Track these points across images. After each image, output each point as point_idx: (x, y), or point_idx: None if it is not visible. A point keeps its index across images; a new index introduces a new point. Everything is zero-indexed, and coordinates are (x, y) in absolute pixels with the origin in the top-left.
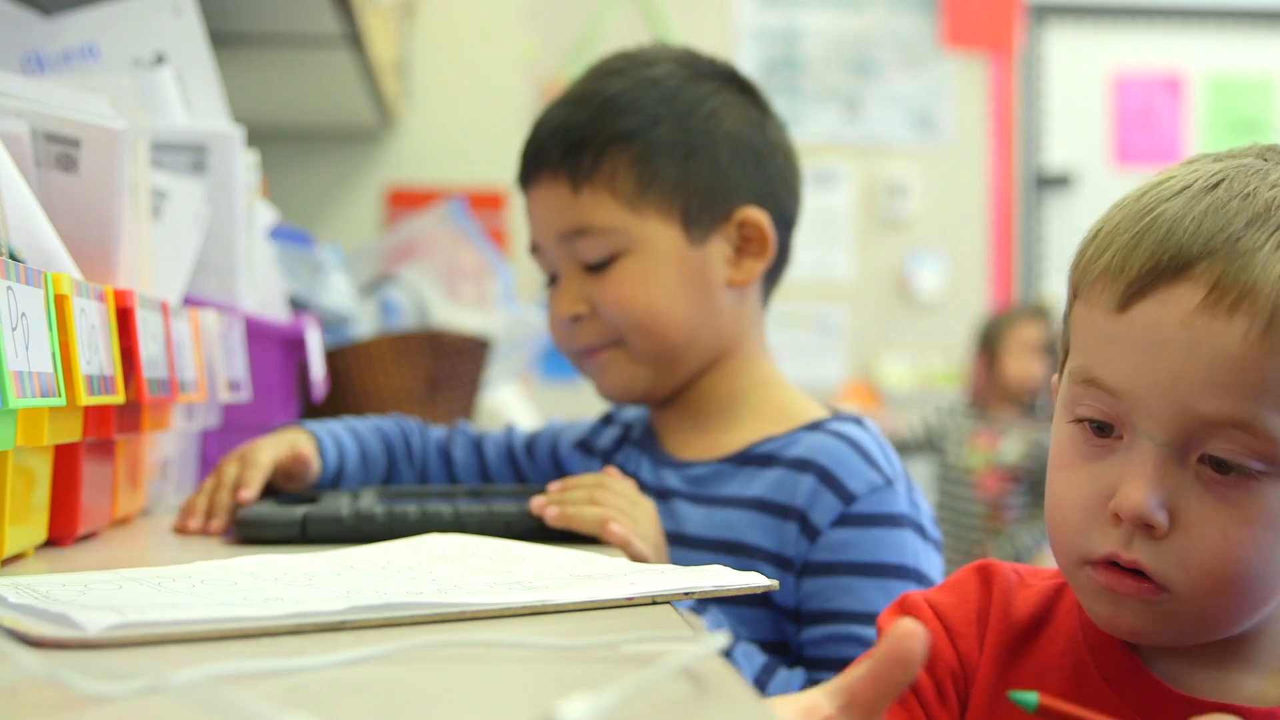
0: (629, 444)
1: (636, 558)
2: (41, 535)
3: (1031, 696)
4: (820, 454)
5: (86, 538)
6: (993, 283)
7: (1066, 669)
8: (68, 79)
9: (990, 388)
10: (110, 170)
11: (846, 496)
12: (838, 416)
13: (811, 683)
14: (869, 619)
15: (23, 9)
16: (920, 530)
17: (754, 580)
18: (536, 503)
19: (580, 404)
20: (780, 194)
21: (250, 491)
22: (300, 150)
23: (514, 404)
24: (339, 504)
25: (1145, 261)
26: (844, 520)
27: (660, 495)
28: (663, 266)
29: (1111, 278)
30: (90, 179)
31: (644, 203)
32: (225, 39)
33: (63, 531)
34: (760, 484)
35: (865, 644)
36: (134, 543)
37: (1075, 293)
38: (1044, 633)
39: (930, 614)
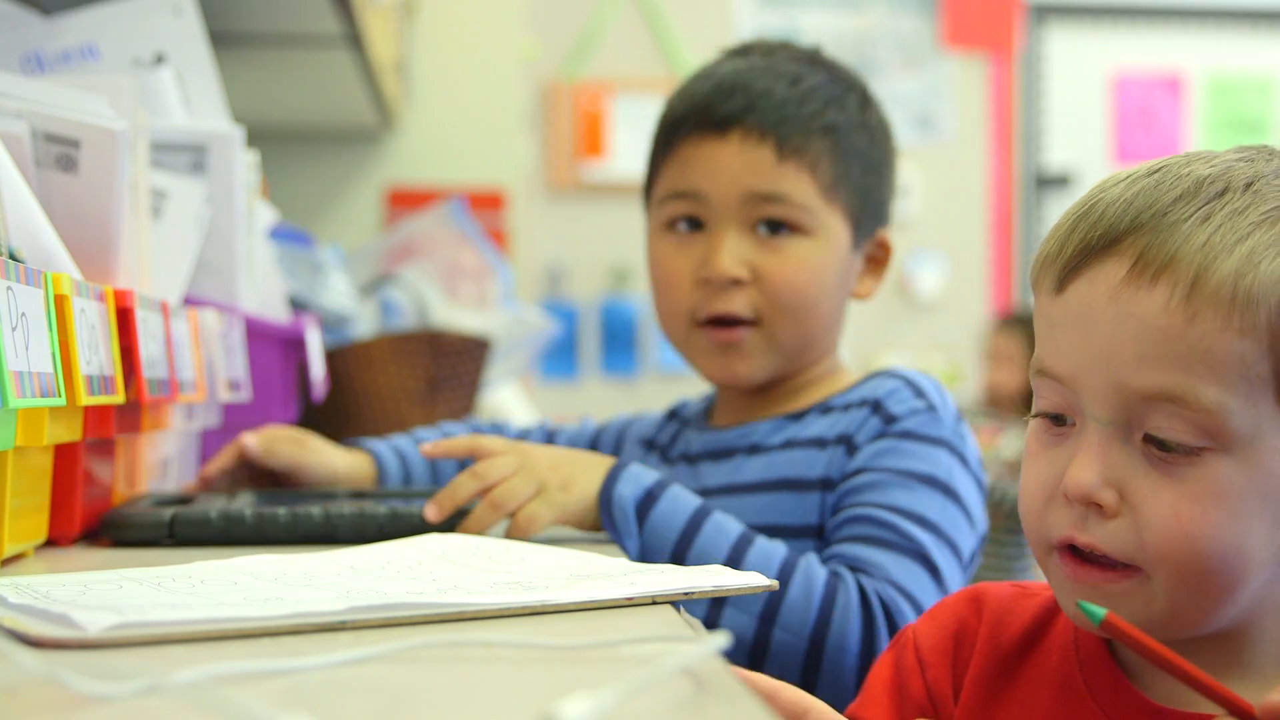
0: (690, 429)
1: (526, 524)
2: (41, 535)
3: (1100, 610)
4: (876, 390)
5: (86, 538)
6: (993, 283)
7: (1056, 684)
8: (68, 79)
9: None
10: (110, 170)
11: (888, 418)
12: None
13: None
14: (890, 509)
15: (23, 9)
16: (960, 457)
17: (754, 580)
18: (429, 512)
19: (580, 403)
20: (892, 219)
21: (213, 466)
22: (300, 150)
23: (513, 404)
24: (210, 505)
25: (1078, 243)
26: (882, 435)
27: (719, 455)
28: (832, 259)
29: (1050, 263)
30: (90, 179)
31: (834, 196)
32: (225, 39)
33: (63, 531)
34: (819, 425)
35: (881, 525)
36: (134, 543)
37: (1033, 289)
38: (1039, 648)
39: (912, 648)
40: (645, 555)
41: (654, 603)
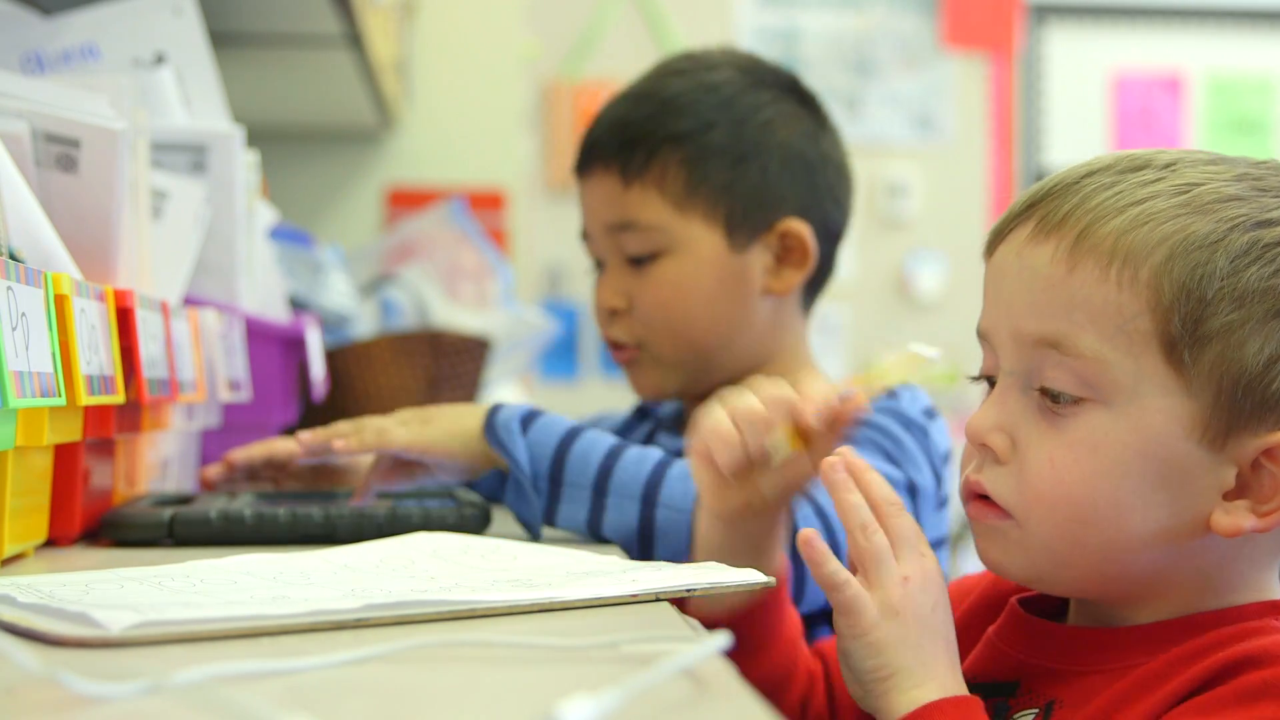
0: (662, 431)
1: (376, 434)
2: (41, 535)
3: None
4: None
5: (86, 538)
6: None
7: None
8: (68, 79)
9: None
10: (110, 170)
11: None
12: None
13: None
14: None
15: (23, 9)
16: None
17: (753, 577)
18: (303, 436)
19: (580, 403)
20: (827, 207)
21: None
22: (300, 150)
23: None
24: (210, 505)
25: (1006, 213)
26: None
27: None
28: (702, 270)
29: (988, 234)
30: (90, 179)
31: (690, 204)
32: (225, 39)
33: (63, 531)
34: None
35: None
36: (133, 543)
37: None
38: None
39: None
40: (533, 463)
41: (657, 599)
